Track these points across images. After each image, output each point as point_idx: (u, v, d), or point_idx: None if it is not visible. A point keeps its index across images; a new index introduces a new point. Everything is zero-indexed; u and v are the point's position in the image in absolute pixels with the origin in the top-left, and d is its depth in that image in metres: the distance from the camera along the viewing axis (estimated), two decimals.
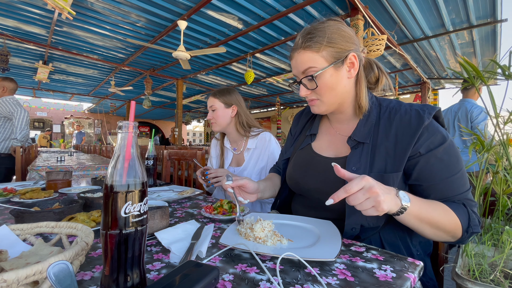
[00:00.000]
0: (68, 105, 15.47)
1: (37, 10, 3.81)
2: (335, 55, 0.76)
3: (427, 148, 0.69)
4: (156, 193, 1.24)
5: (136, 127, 0.44)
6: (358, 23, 3.23)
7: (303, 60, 0.77)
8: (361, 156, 0.75)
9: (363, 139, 0.77)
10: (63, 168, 2.50)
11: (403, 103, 0.79)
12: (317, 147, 0.91)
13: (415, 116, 0.72)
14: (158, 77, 7.16)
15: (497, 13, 3.56)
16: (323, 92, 0.78)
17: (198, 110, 13.48)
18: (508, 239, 0.63)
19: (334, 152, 0.86)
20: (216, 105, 1.47)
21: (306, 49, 0.76)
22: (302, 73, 0.78)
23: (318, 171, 0.84)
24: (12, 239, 0.57)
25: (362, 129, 0.79)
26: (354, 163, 0.75)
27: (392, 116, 0.76)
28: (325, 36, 0.75)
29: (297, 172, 0.91)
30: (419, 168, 0.70)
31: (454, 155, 0.70)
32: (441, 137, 0.69)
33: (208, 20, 3.98)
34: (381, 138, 0.75)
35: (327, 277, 0.49)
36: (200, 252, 0.57)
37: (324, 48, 0.75)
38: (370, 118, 0.79)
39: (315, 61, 0.76)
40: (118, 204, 0.40)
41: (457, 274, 0.61)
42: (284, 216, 0.83)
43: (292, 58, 0.82)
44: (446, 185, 0.69)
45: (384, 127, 0.76)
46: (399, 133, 0.73)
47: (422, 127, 0.69)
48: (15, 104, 2.94)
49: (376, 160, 0.73)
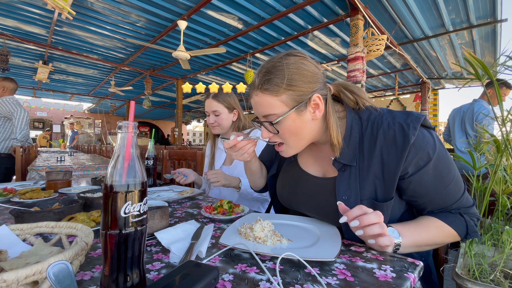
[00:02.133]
0: (68, 105, 15.46)
1: (37, 10, 3.81)
2: (296, 99, 0.68)
3: (416, 167, 0.66)
4: (156, 193, 1.24)
5: (136, 127, 0.44)
6: (358, 23, 3.23)
7: (261, 104, 0.71)
8: (350, 183, 0.71)
9: (349, 161, 0.71)
10: (63, 168, 2.50)
11: (384, 113, 0.72)
12: (303, 163, 0.86)
13: (399, 132, 0.66)
14: (158, 77, 7.16)
15: (497, 13, 3.56)
16: (287, 136, 0.73)
17: (198, 110, 13.48)
18: (508, 239, 0.63)
19: (321, 171, 0.82)
20: (220, 110, 1.46)
21: (264, 92, 0.69)
22: (263, 116, 0.72)
23: (309, 192, 0.81)
24: (12, 239, 0.57)
25: (346, 150, 0.72)
26: (344, 191, 0.70)
27: (374, 132, 0.70)
28: (284, 77, 0.67)
29: (286, 193, 0.88)
30: (413, 188, 0.68)
31: (445, 165, 0.67)
32: (428, 152, 0.65)
33: (208, 20, 3.98)
34: (367, 159, 0.70)
35: (327, 277, 0.49)
36: (200, 252, 0.57)
37: (283, 92, 0.67)
38: (353, 135, 0.73)
39: (274, 106, 0.69)
40: (118, 204, 0.40)
41: (457, 274, 0.61)
42: (284, 216, 0.83)
43: (250, 97, 0.74)
44: (442, 197, 0.68)
45: (368, 145, 0.70)
46: (384, 153, 0.68)
47: (408, 146, 0.64)
48: (15, 104, 2.94)
49: (365, 185, 0.69)
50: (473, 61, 0.68)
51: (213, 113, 1.47)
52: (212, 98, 1.47)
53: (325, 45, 4.85)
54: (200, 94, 9.16)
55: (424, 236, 0.65)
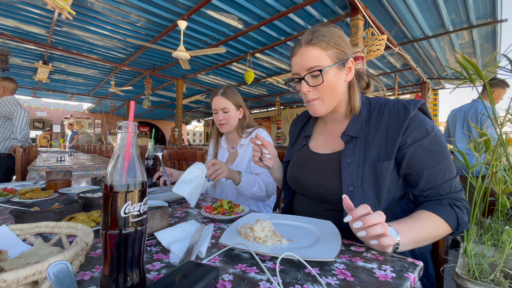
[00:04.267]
0: (68, 105, 15.47)
1: (37, 10, 3.81)
2: (339, 57, 0.80)
3: (414, 138, 0.74)
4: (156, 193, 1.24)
5: (136, 127, 0.45)
6: (358, 23, 3.23)
7: (310, 56, 0.78)
8: (355, 149, 0.79)
9: (355, 133, 0.81)
10: (63, 168, 2.50)
11: (390, 99, 0.84)
12: (313, 146, 0.95)
13: (402, 108, 0.77)
14: (158, 77, 7.16)
15: (497, 13, 3.56)
16: (325, 90, 0.80)
17: (198, 110, 13.48)
18: (508, 239, 0.63)
19: (330, 149, 0.89)
20: (229, 107, 1.46)
21: (314, 45, 0.78)
22: (307, 69, 0.79)
23: (315, 167, 0.88)
24: (12, 239, 0.57)
25: (354, 125, 0.83)
26: (349, 155, 0.79)
27: (381, 111, 0.81)
28: (332, 37, 0.79)
29: (295, 170, 0.94)
30: (408, 158, 0.75)
31: (440, 145, 0.74)
32: (427, 129, 0.74)
33: (208, 20, 3.98)
34: (373, 131, 0.79)
35: (327, 277, 0.49)
36: (200, 252, 0.57)
37: (331, 48, 0.78)
38: (361, 115, 0.84)
39: (322, 58, 0.78)
40: (118, 204, 0.40)
41: (457, 274, 0.61)
42: (284, 216, 0.83)
43: (295, 54, 0.82)
44: (433, 173, 0.73)
45: (375, 121, 0.80)
46: (389, 125, 0.77)
47: (408, 118, 0.74)
48: (15, 104, 2.95)
49: (369, 152, 0.77)
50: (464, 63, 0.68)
51: (222, 110, 1.46)
52: (221, 95, 1.46)
53: None
54: (200, 94, 9.17)
55: (420, 230, 0.67)
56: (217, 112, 1.47)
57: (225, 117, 1.46)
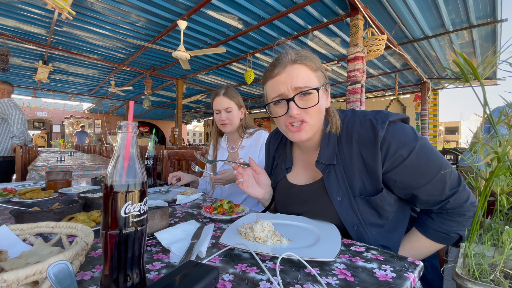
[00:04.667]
0: (68, 105, 15.47)
1: (37, 10, 3.81)
2: (323, 80, 0.76)
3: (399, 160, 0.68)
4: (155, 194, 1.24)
5: (136, 127, 0.45)
6: (358, 23, 3.23)
7: (300, 75, 0.72)
8: (339, 183, 0.74)
9: (329, 161, 0.76)
10: (63, 168, 2.50)
11: (357, 113, 0.78)
12: (292, 178, 0.90)
13: (370, 128, 0.71)
14: (158, 77, 7.16)
15: (497, 13, 3.56)
16: (315, 112, 0.74)
17: (198, 110, 13.47)
18: (508, 239, 0.63)
19: (309, 178, 0.85)
20: (232, 106, 1.47)
21: (302, 64, 0.73)
22: (296, 89, 0.72)
23: (299, 202, 0.84)
24: (12, 239, 0.57)
25: (326, 150, 0.77)
26: (337, 192, 0.74)
27: (349, 131, 0.75)
28: (315, 59, 0.76)
29: (281, 206, 0.92)
30: (401, 179, 0.69)
31: (431, 154, 0.68)
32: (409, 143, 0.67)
33: (208, 20, 3.98)
34: (348, 157, 0.74)
35: (327, 277, 0.49)
36: (200, 252, 0.57)
37: (317, 70, 0.75)
38: (331, 138, 0.78)
39: (311, 80, 0.73)
40: (118, 204, 0.40)
41: (457, 274, 0.61)
42: (284, 216, 0.83)
43: (278, 74, 0.74)
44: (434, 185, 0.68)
45: (347, 144, 0.75)
46: (362, 150, 0.72)
47: (379, 140, 0.68)
48: (12, 106, 3.06)
49: (354, 182, 0.73)
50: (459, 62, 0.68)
51: (224, 110, 1.46)
52: (223, 95, 1.46)
53: (325, 45, 4.85)
54: (200, 94, 9.17)
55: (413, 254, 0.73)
56: (220, 112, 1.47)
57: (228, 116, 1.46)
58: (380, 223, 0.73)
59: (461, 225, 0.69)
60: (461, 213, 0.69)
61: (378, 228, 0.73)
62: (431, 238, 0.72)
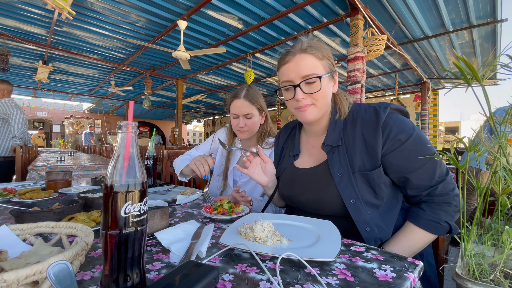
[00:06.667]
0: (68, 105, 15.47)
1: (37, 10, 3.81)
2: (329, 68, 0.84)
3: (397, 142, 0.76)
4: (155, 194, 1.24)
5: (136, 127, 0.45)
6: (358, 23, 3.23)
7: (306, 63, 0.80)
8: (341, 161, 0.82)
9: (335, 142, 0.84)
10: (63, 168, 2.50)
11: (362, 104, 0.88)
12: (299, 164, 0.97)
13: (373, 112, 0.80)
14: (158, 77, 7.16)
15: (497, 13, 3.56)
16: (320, 96, 0.82)
17: (198, 110, 13.47)
18: (508, 239, 0.63)
19: (314, 162, 0.91)
20: (253, 112, 1.27)
21: (309, 53, 0.80)
22: (303, 76, 0.80)
23: (302, 183, 0.89)
24: (12, 239, 0.57)
25: (332, 134, 0.85)
26: (337, 168, 0.81)
27: (355, 117, 0.84)
28: (324, 49, 0.84)
29: (285, 189, 0.96)
30: (397, 162, 0.76)
31: (426, 143, 0.76)
32: (408, 131, 0.75)
33: (208, 20, 3.98)
34: (351, 139, 0.82)
35: (327, 277, 0.49)
36: (200, 252, 0.57)
37: (324, 58, 0.82)
38: (338, 123, 0.86)
39: (317, 68, 0.81)
40: (118, 204, 0.40)
41: (457, 274, 0.61)
42: (284, 216, 0.83)
43: (288, 62, 0.83)
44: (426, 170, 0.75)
45: (351, 129, 0.83)
46: (364, 131, 0.80)
47: (381, 122, 0.77)
48: (13, 105, 3.06)
49: (354, 161, 0.80)
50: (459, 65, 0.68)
51: (244, 116, 1.27)
52: (244, 98, 1.26)
53: None
54: (200, 94, 9.17)
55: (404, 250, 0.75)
56: (238, 117, 1.28)
57: (247, 123, 1.27)
58: (375, 203, 0.78)
59: (449, 215, 0.74)
60: (448, 202, 0.75)
61: (374, 209, 0.78)
62: (424, 228, 0.75)
